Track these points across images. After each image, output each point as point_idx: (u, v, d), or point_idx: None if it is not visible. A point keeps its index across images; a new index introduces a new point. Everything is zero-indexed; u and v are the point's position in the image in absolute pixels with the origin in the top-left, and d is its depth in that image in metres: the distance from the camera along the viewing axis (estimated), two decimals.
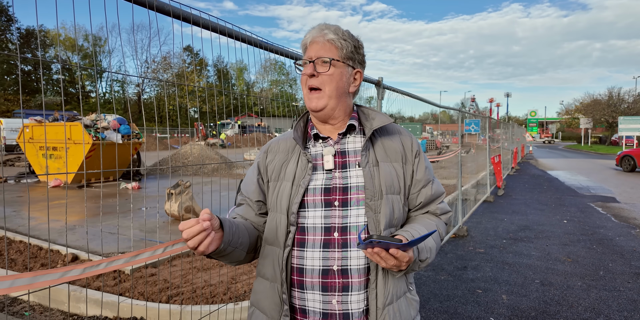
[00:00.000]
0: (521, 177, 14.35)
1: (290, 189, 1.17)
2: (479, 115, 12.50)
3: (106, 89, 53.12)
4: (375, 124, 1.22)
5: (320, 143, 1.24)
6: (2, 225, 5.74)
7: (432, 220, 1.25)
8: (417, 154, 1.26)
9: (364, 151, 1.19)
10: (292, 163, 1.22)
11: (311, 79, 1.17)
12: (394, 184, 1.19)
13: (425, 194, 1.25)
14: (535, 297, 3.81)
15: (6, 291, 0.91)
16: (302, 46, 1.23)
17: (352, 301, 1.12)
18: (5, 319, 3.29)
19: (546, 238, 5.94)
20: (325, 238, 1.13)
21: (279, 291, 1.16)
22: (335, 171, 1.18)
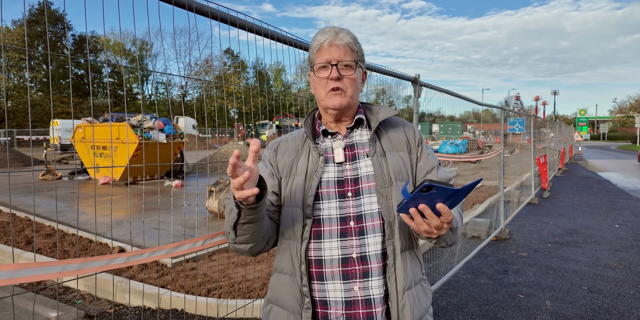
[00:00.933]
0: (569, 178, 13.65)
1: (303, 183, 1.22)
2: (523, 114, 12.03)
3: (151, 91, 55.48)
4: (380, 116, 1.29)
5: (329, 138, 1.29)
6: (59, 219, 6.14)
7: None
8: (419, 143, 1.32)
9: (372, 142, 1.25)
10: (302, 159, 1.27)
11: (334, 82, 1.21)
12: (402, 172, 1.23)
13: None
14: (582, 305, 3.62)
15: (58, 275, 0.98)
16: (316, 49, 1.25)
17: (373, 286, 1.15)
18: (57, 305, 3.52)
19: (595, 243, 5.62)
20: (342, 228, 1.17)
21: (299, 284, 1.18)
22: (346, 164, 1.24)
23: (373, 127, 1.26)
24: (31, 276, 0.89)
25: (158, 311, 3.39)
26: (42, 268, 0.91)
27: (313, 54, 1.26)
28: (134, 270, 4.06)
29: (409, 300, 1.16)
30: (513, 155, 16.68)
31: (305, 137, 1.30)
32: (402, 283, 1.16)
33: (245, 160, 1.02)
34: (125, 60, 51.60)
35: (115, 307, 3.52)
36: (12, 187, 9.33)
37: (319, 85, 1.24)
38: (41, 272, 0.91)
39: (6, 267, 0.86)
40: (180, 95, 55.02)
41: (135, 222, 6.02)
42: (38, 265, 0.91)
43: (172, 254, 1.35)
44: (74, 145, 12.29)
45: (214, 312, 3.24)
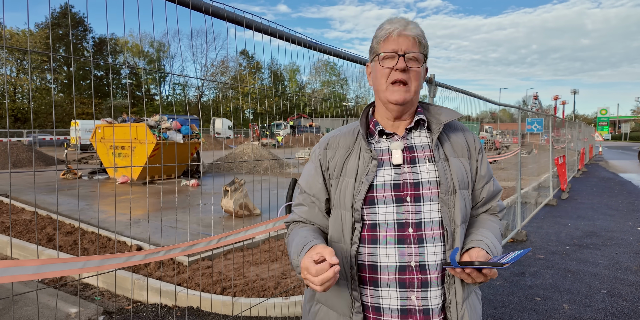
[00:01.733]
0: (588, 179, 13.36)
1: (353, 186, 1.16)
2: (542, 113, 11.82)
3: (169, 91, 56.29)
4: (443, 118, 1.22)
5: (384, 139, 1.22)
6: (77, 217, 6.29)
7: (494, 222, 1.26)
8: (480, 151, 1.27)
9: (435, 146, 1.19)
10: (353, 159, 1.20)
11: (400, 73, 1.14)
12: (464, 179, 1.19)
13: (488, 190, 1.27)
14: (601, 308, 3.55)
15: (79, 271, 1.01)
16: (383, 38, 1.17)
17: (431, 297, 1.12)
18: (77, 301, 3.61)
19: (615, 245, 5.50)
20: (400, 234, 1.12)
21: (349, 288, 1.15)
22: (404, 166, 1.17)
23: (435, 129, 1.20)
24: (54, 271, 0.93)
25: (174, 309, 3.45)
26: (64, 264, 0.95)
27: (378, 43, 1.18)
28: (152, 268, 4.13)
29: (467, 310, 1.14)
30: (531, 156, 16.41)
31: (357, 133, 1.23)
32: (462, 294, 1.14)
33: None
34: (143, 61, 52.49)
35: (133, 304, 3.60)
36: (32, 186, 9.59)
37: (380, 75, 1.17)
38: (64, 268, 0.95)
39: (31, 262, 0.90)
40: (196, 96, 55.69)
41: (152, 221, 6.13)
42: (61, 261, 0.95)
43: (188, 251, 1.38)
44: (93, 145, 12.56)
45: (229, 310, 3.28)
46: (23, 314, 3.40)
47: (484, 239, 1.14)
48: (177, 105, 50.47)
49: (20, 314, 3.40)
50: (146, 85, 50.22)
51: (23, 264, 0.89)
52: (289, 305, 3.22)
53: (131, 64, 49.00)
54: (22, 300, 3.64)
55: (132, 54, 51.18)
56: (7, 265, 0.86)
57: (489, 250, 1.10)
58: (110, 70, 24.81)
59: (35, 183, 1.25)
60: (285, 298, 3.33)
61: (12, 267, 0.87)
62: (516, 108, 6.83)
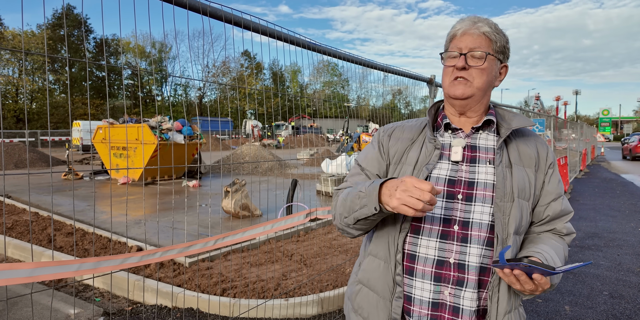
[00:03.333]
0: (590, 180, 13.32)
1: (411, 173, 1.16)
2: (543, 114, 11.79)
3: (170, 92, 56.36)
4: (514, 124, 1.18)
5: (449, 133, 1.21)
6: (79, 218, 6.29)
7: (558, 242, 1.18)
8: (551, 165, 1.21)
9: (499, 150, 1.15)
10: (415, 149, 1.20)
11: (460, 71, 1.14)
12: (526, 190, 1.13)
13: (554, 209, 1.19)
14: (603, 310, 3.53)
15: (74, 274, 1.01)
16: (450, 36, 1.19)
17: (465, 297, 1.09)
18: (76, 303, 3.61)
19: (617, 247, 5.47)
20: (444, 229, 1.11)
21: (393, 272, 1.15)
22: (462, 164, 1.15)
23: (503, 134, 1.16)
24: (48, 274, 0.92)
25: (174, 310, 3.44)
26: (59, 266, 0.94)
27: (447, 42, 1.20)
28: (151, 268, 4.13)
29: None
30: None
31: (424, 126, 1.23)
32: (505, 306, 1.09)
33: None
34: (144, 62, 52.60)
35: (133, 305, 3.59)
36: (35, 187, 9.61)
37: (445, 73, 1.18)
38: (58, 271, 0.94)
39: (24, 265, 0.89)
40: (198, 97, 55.77)
41: (152, 222, 6.13)
42: (55, 264, 0.94)
43: (184, 253, 1.37)
44: (95, 146, 12.58)
45: (228, 311, 3.27)
46: (23, 315, 3.39)
47: (542, 252, 1.07)
48: (178, 106, 50.55)
49: (21, 315, 3.39)
50: (147, 86, 50.35)
51: (17, 267, 0.88)
52: (289, 306, 3.21)
53: (132, 65, 49.11)
54: (22, 301, 3.64)
55: (134, 55, 51.29)
56: (1, 268, 0.86)
57: (545, 263, 1.03)
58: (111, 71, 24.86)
59: (34, 184, 1.24)
60: (285, 299, 3.32)
61: (6, 270, 0.86)
62: (518, 109, 6.81)
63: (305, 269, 4.20)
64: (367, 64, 2.92)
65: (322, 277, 3.89)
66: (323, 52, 2.30)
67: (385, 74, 3.53)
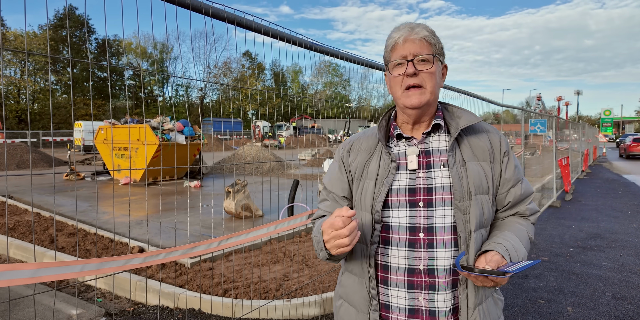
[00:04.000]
0: (592, 181, 13.28)
1: (373, 188, 1.19)
2: (545, 114, 11.76)
3: (172, 93, 56.44)
4: (461, 122, 1.20)
5: (403, 142, 1.23)
6: (81, 219, 6.30)
7: (521, 224, 1.24)
8: (505, 154, 1.24)
9: (451, 151, 1.17)
10: (374, 162, 1.23)
11: (411, 78, 1.15)
12: (483, 184, 1.17)
13: (515, 194, 1.23)
14: (605, 311, 3.52)
15: (77, 275, 1.00)
16: (391, 46, 1.19)
17: (438, 300, 1.13)
18: (78, 303, 3.61)
19: (620, 248, 5.45)
20: (411, 238, 1.15)
21: (367, 287, 1.19)
22: (419, 171, 1.18)
23: (453, 134, 1.19)
24: (51, 275, 0.92)
25: (176, 310, 3.44)
26: (61, 267, 0.94)
27: (388, 53, 1.21)
28: (153, 269, 4.13)
29: (479, 315, 1.14)
30: (534, 157, 16.35)
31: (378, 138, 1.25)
32: (474, 300, 1.14)
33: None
34: (146, 63, 52.66)
35: (135, 305, 3.59)
36: (37, 187, 9.62)
37: (394, 83, 1.19)
38: (61, 272, 0.94)
39: (27, 266, 0.89)
40: (199, 98, 55.83)
41: (154, 222, 6.13)
42: (58, 265, 0.94)
43: (188, 254, 1.37)
44: (96, 147, 12.60)
45: (230, 312, 3.27)
46: (25, 315, 3.39)
47: (503, 242, 1.12)
48: (179, 106, 50.58)
49: (23, 316, 3.39)
50: (149, 86, 50.40)
51: (20, 268, 0.88)
52: (291, 307, 3.21)
53: (134, 65, 49.18)
54: (24, 302, 3.64)
55: (135, 56, 51.38)
56: (3, 269, 0.86)
57: (505, 254, 1.08)
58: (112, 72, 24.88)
59: (35, 184, 1.24)
60: (287, 300, 3.31)
61: (9, 271, 0.86)
62: (519, 109, 6.80)
63: (307, 269, 4.20)
64: (368, 64, 2.92)
65: (323, 278, 3.89)
66: (324, 52, 2.30)
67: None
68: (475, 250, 1.13)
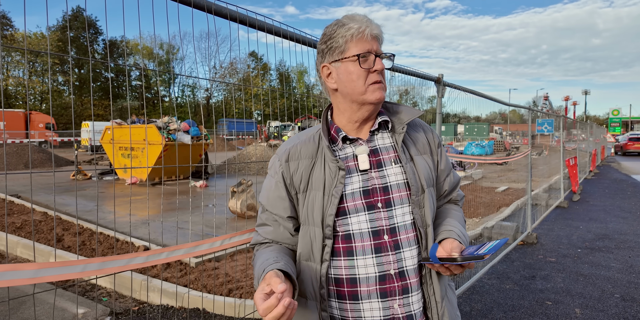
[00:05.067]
0: (600, 181, 13.15)
1: (322, 200, 1.09)
2: (552, 114, 11.66)
3: (178, 93, 56.73)
4: (404, 117, 1.18)
5: (348, 144, 1.16)
6: (87, 218, 6.33)
7: (457, 211, 1.28)
8: (438, 145, 1.26)
9: (402, 147, 1.16)
10: (318, 169, 1.13)
11: (377, 75, 1.11)
12: (430, 177, 1.18)
13: (450, 182, 1.28)
14: (614, 313, 3.47)
15: (78, 275, 1.00)
16: (355, 36, 1.09)
17: (413, 302, 1.10)
18: (78, 302, 3.62)
19: (629, 249, 5.38)
20: (375, 243, 1.08)
21: (318, 308, 1.09)
22: (371, 171, 1.13)
23: (398, 130, 1.16)
24: (52, 276, 0.91)
25: (180, 310, 3.44)
26: (62, 268, 0.93)
27: (346, 42, 1.10)
28: (158, 269, 4.14)
29: (447, 307, 1.14)
30: (541, 157, 16.22)
31: (319, 140, 1.16)
32: (440, 293, 1.12)
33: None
34: (152, 63, 52.98)
35: (139, 305, 3.60)
36: (45, 187, 9.70)
37: (357, 77, 1.09)
38: (62, 272, 0.93)
39: (29, 266, 0.88)
40: (205, 98, 56.04)
41: (159, 222, 6.15)
42: (59, 265, 0.94)
43: (191, 253, 1.36)
44: (103, 147, 12.68)
45: (235, 311, 3.26)
46: (31, 315, 3.41)
47: (453, 229, 1.14)
48: (186, 106, 50.82)
49: (29, 315, 3.41)
50: (155, 87, 50.69)
51: (20, 268, 0.87)
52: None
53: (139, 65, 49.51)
54: (29, 300, 3.66)
55: (142, 56, 51.68)
56: (4, 270, 0.85)
57: (461, 240, 1.10)
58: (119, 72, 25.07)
59: (42, 184, 1.24)
60: None
61: (10, 271, 0.85)
62: (526, 109, 6.74)
63: None
64: None
65: None
66: None
67: (392, 74, 3.50)
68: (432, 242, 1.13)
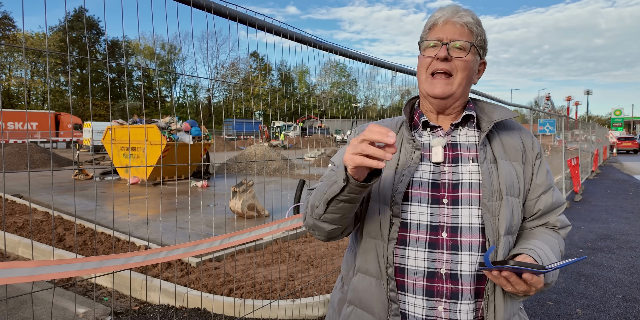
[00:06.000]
0: (602, 181, 13.11)
1: (393, 178, 1.06)
2: (554, 114, 11.62)
3: (179, 93, 56.81)
4: (495, 116, 1.11)
5: (428, 132, 1.12)
6: (88, 218, 6.34)
7: (552, 236, 1.11)
8: (538, 156, 1.14)
9: (482, 146, 1.08)
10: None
11: (441, 63, 1.05)
12: (514, 185, 1.06)
13: (545, 202, 1.12)
14: (616, 313, 3.46)
15: (76, 273, 1.00)
16: (430, 25, 1.10)
17: (461, 310, 1.01)
18: (80, 301, 3.62)
19: (631, 249, 5.36)
20: (432, 237, 1.03)
21: (386, 288, 1.06)
22: (445, 165, 1.07)
23: (485, 128, 1.09)
24: (50, 274, 0.91)
25: (181, 309, 3.44)
26: (60, 266, 0.93)
27: (425, 32, 1.10)
28: (159, 268, 4.14)
29: None
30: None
31: (400, 125, 1.14)
32: (503, 314, 1.01)
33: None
34: (154, 64, 53.06)
35: (140, 304, 3.60)
36: (46, 187, 9.71)
37: (421, 65, 1.09)
38: (60, 270, 0.93)
39: (26, 264, 0.88)
40: (207, 98, 56.11)
41: (160, 222, 6.15)
42: (57, 263, 0.94)
43: (190, 253, 1.36)
44: (105, 147, 12.71)
45: (235, 311, 3.26)
46: (32, 314, 3.42)
47: (535, 248, 1.00)
48: (187, 107, 50.86)
49: (29, 314, 3.42)
50: (157, 87, 50.75)
51: (18, 266, 0.87)
52: (296, 307, 3.19)
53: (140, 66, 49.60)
54: (30, 300, 3.67)
55: (143, 56, 51.76)
56: (1, 267, 0.85)
57: (538, 259, 0.96)
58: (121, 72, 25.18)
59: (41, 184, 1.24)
60: (292, 300, 3.30)
61: (7, 269, 0.86)
62: (528, 108, 6.72)
63: (312, 269, 4.18)
64: (375, 62, 2.89)
65: (328, 278, 3.87)
66: (330, 51, 2.28)
67: (393, 74, 3.50)
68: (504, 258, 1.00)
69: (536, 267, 0.87)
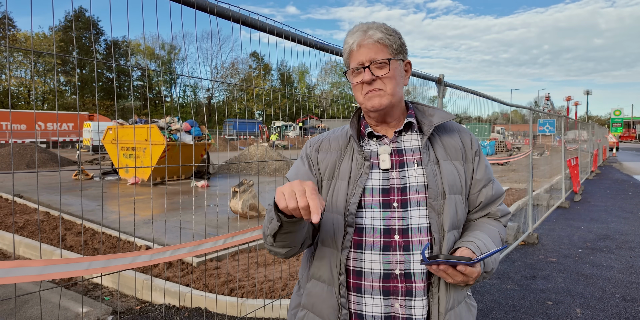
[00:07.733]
0: (602, 181, 13.14)
1: (346, 189, 1.13)
2: (554, 114, 11.64)
3: (179, 93, 56.79)
4: (435, 120, 1.18)
5: (374, 141, 1.20)
6: (89, 218, 6.35)
7: (493, 225, 1.21)
8: (477, 153, 1.23)
9: (425, 149, 1.15)
10: (346, 161, 1.18)
11: (370, 85, 1.13)
12: (456, 184, 1.14)
13: (486, 194, 1.21)
14: (615, 313, 3.47)
15: (84, 272, 1.01)
16: (347, 52, 1.17)
17: (415, 306, 1.08)
18: (83, 301, 3.64)
19: (630, 249, 5.38)
20: (385, 240, 1.09)
21: (337, 295, 1.12)
22: (392, 171, 1.14)
23: (426, 132, 1.17)
24: (59, 273, 0.93)
25: (182, 309, 3.45)
26: (69, 264, 0.95)
27: (346, 60, 1.19)
28: (160, 268, 4.15)
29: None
30: (543, 157, 16.21)
31: (350, 137, 1.22)
32: (445, 304, 1.09)
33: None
34: (154, 64, 53.03)
35: (141, 304, 3.62)
36: (47, 187, 9.73)
37: (356, 90, 1.17)
38: (68, 269, 0.95)
39: (35, 263, 0.90)
40: (206, 98, 56.09)
41: (161, 222, 6.17)
42: (65, 262, 0.95)
43: (194, 252, 1.38)
44: (105, 147, 12.71)
45: (236, 311, 3.28)
46: (34, 313, 3.43)
47: (475, 240, 1.09)
48: (187, 107, 50.88)
49: (32, 313, 3.43)
50: (157, 87, 50.73)
51: (27, 265, 0.89)
52: None
53: (142, 66, 49.56)
54: (32, 299, 3.68)
55: (143, 56, 51.78)
56: (11, 266, 0.86)
57: (477, 251, 1.05)
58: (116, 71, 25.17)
59: (45, 184, 1.25)
60: None
61: (17, 267, 0.87)
62: (528, 109, 6.74)
63: None
64: None
65: None
66: (330, 51, 2.29)
67: None
68: (448, 250, 1.09)
69: (462, 259, 0.97)
